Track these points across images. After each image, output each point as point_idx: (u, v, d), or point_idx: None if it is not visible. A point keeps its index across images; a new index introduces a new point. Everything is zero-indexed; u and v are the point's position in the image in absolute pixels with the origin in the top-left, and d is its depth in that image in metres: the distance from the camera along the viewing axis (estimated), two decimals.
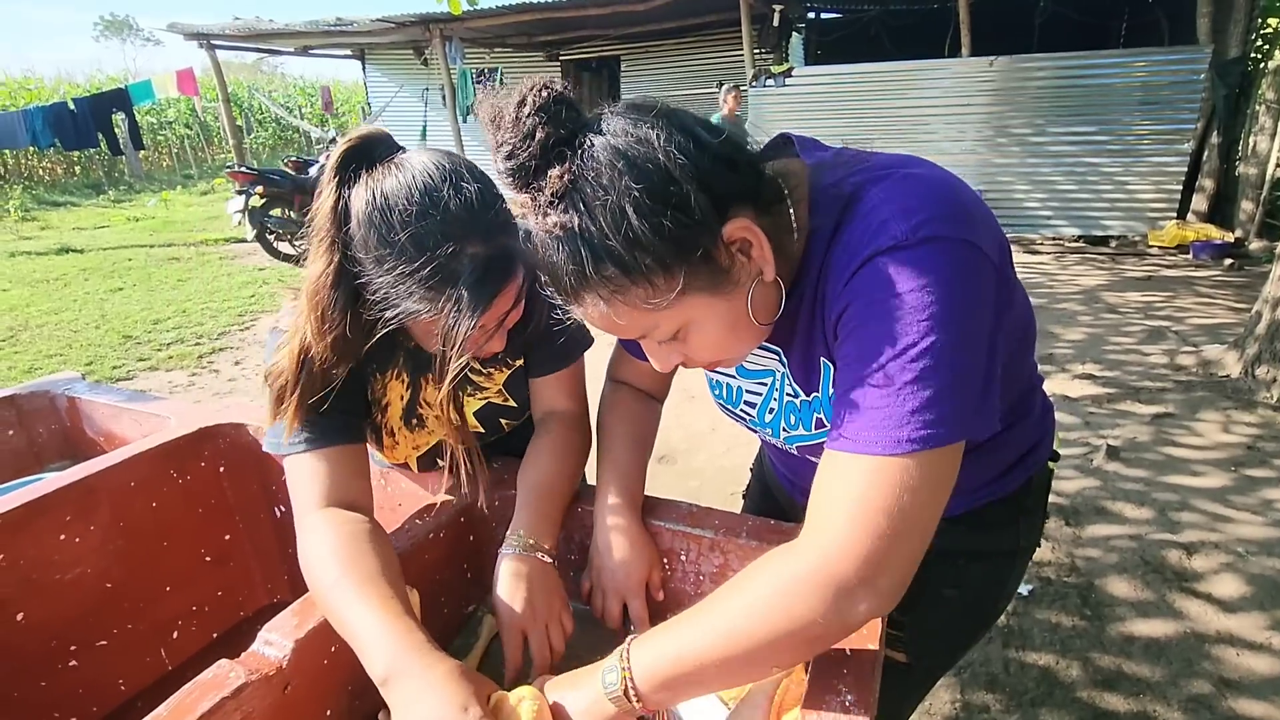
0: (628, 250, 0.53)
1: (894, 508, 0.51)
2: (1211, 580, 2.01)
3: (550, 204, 0.54)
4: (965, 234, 0.53)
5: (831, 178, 0.62)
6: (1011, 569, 0.88)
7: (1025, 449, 0.82)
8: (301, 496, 0.78)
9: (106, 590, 1.05)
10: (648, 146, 0.53)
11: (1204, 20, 5.94)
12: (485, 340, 0.76)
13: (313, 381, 0.76)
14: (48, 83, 16.27)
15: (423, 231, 0.67)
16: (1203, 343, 3.79)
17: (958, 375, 0.52)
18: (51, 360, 4.21)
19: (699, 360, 0.66)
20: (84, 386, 1.36)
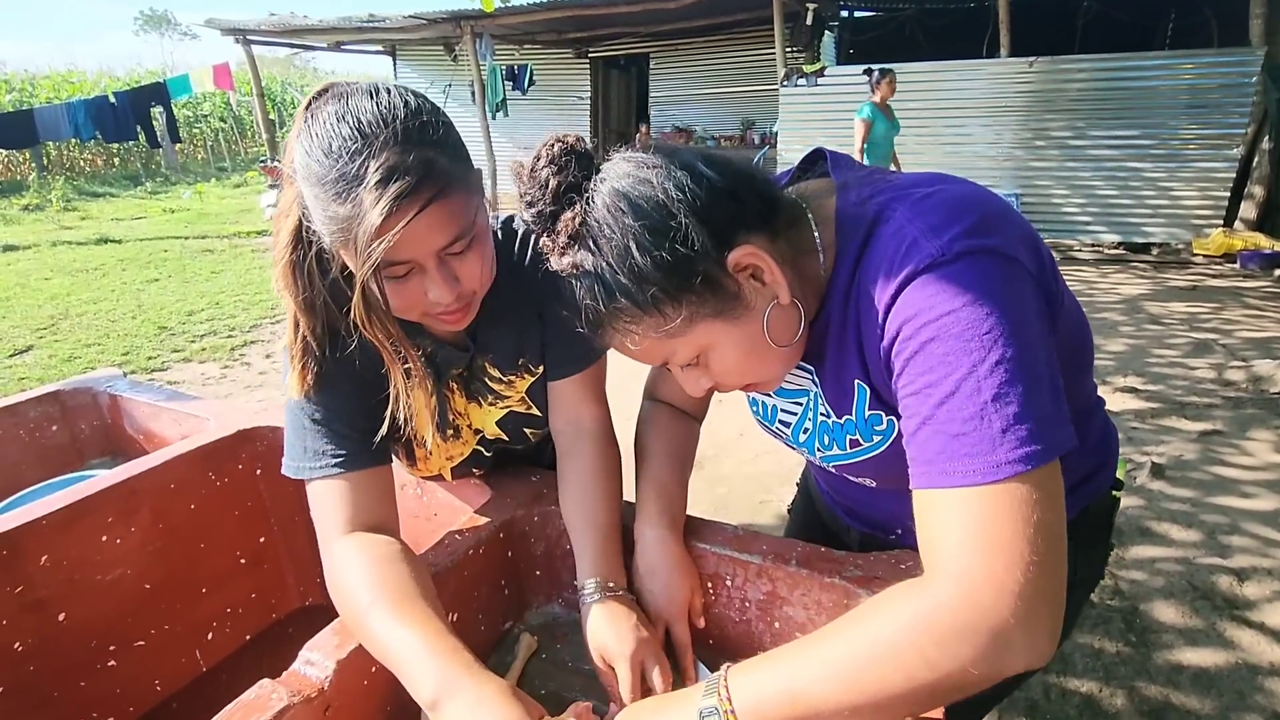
0: (634, 283, 0.57)
1: (1018, 534, 0.48)
2: (1264, 609, 1.93)
3: (566, 246, 0.59)
4: (997, 245, 0.53)
5: (856, 197, 0.62)
6: (1072, 605, 0.83)
7: (1081, 476, 0.79)
8: (326, 523, 0.75)
9: (145, 591, 1.05)
10: (648, 186, 0.57)
11: (1257, 22, 5.73)
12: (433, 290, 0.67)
13: (313, 354, 0.72)
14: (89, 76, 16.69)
15: (334, 142, 0.60)
16: (1252, 357, 3.65)
17: (1033, 386, 0.50)
18: (89, 350, 4.30)
19: (727, 384, 0.67)
20: (125, 384, 1.37)
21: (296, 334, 0.72)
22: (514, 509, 0.92)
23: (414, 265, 0.65)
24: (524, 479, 0.99)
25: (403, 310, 0.69)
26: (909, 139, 6.77)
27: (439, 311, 0.70)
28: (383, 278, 0.65)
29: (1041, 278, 0.56)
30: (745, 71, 9.43)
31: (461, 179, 0.64)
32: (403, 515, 1.06)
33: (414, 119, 0.61)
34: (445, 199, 0.62)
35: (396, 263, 0.64)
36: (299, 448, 0.76)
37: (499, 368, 0.90)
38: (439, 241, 0.64)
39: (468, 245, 0.67)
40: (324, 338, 0.73)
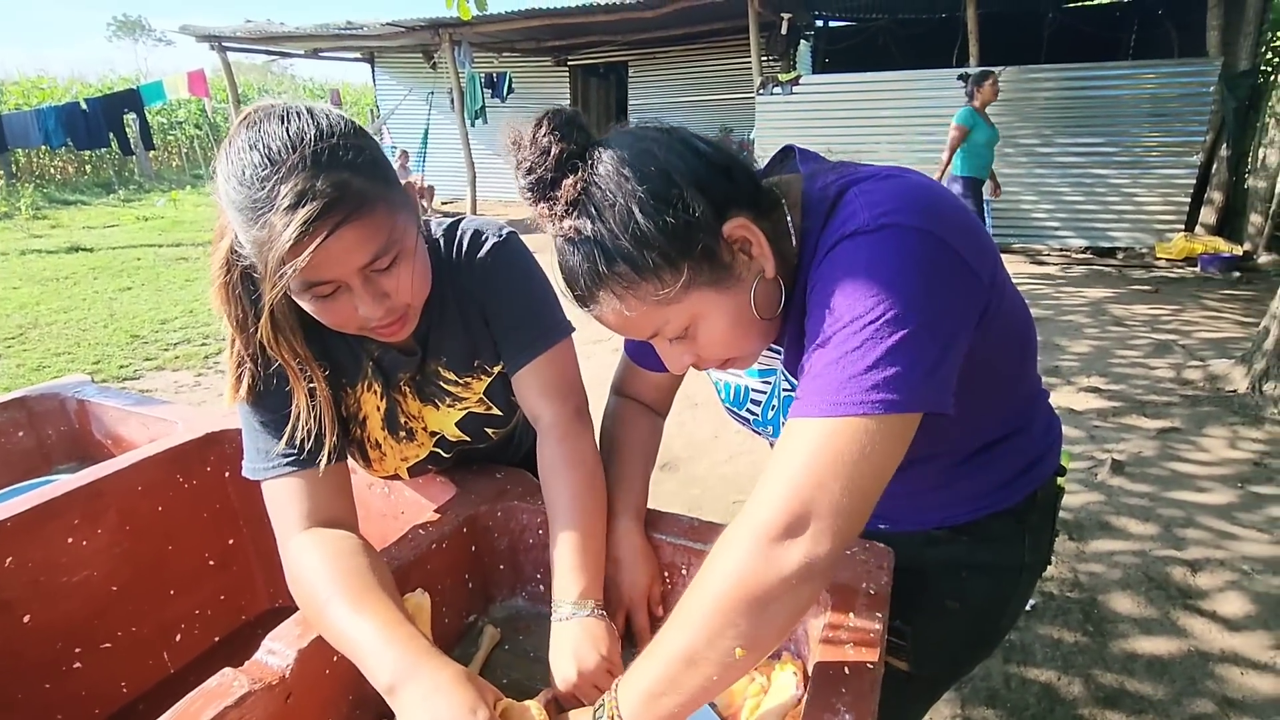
0: (636, 247, 0.59)
1: (832, 462, 0.53)
2: (1216, 598, 2.00)
3: (565, 211, 0.60)
4: (924, 224, 0.56)
5: (821, 183, 0.66)
6: (1015, 586, 0.87)
7: (1028, 461, 0.82)
8: (283, 520, 0.76)
9: (112, 593, 1.06)
10: (650, 156, 0.60)
11: (1214, 33, 5.93)
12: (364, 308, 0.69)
13: (246, 369, 0.75)
14: (61, 82, 16.40)
15: (246, 169, 0.62)
16: (1210, 357, 3.77)
17: (904, 345, 0.53)
18: (59, 359, 4.24)
19: (709, 357, 0.68)
20: (93, 389, 1.38)
21: (233, 349, 0.75)
22: (478, 504, 0.95)
23: (339, 284, 0.67)
24: (488, 475, 1.01)
25: (338, 325, 0.72)
26: (882, 146, 6.91)
27: (373, 326, 0.72)
28: (310, 297, 0.68)
29: (978, 268, 0.59)
30: (722, 79, 9.53)
31: (380, 198, 0.66)
32: (369, 513, 1.09)
33: (323, 142, 0.63)
34: (360, 219, 0.63)
35: (320, 282, 0.66)
36: (253, 450, 0.78)
37: (453, 370, 0.91)
38: (358, 260, 0.65)
39: (393, 261, 0.68)
40: (259, 352, 0.75)
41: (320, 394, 0.78)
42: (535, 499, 0.95)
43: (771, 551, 0.53)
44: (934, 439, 0.67)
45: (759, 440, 0.87)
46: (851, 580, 0.76)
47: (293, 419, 0.76)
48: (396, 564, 0.82)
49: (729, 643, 0.55)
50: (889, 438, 0.54)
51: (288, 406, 0.77)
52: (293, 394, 0.77)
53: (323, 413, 0.78)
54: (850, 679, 0.62)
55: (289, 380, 0.77)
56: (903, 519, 0.85)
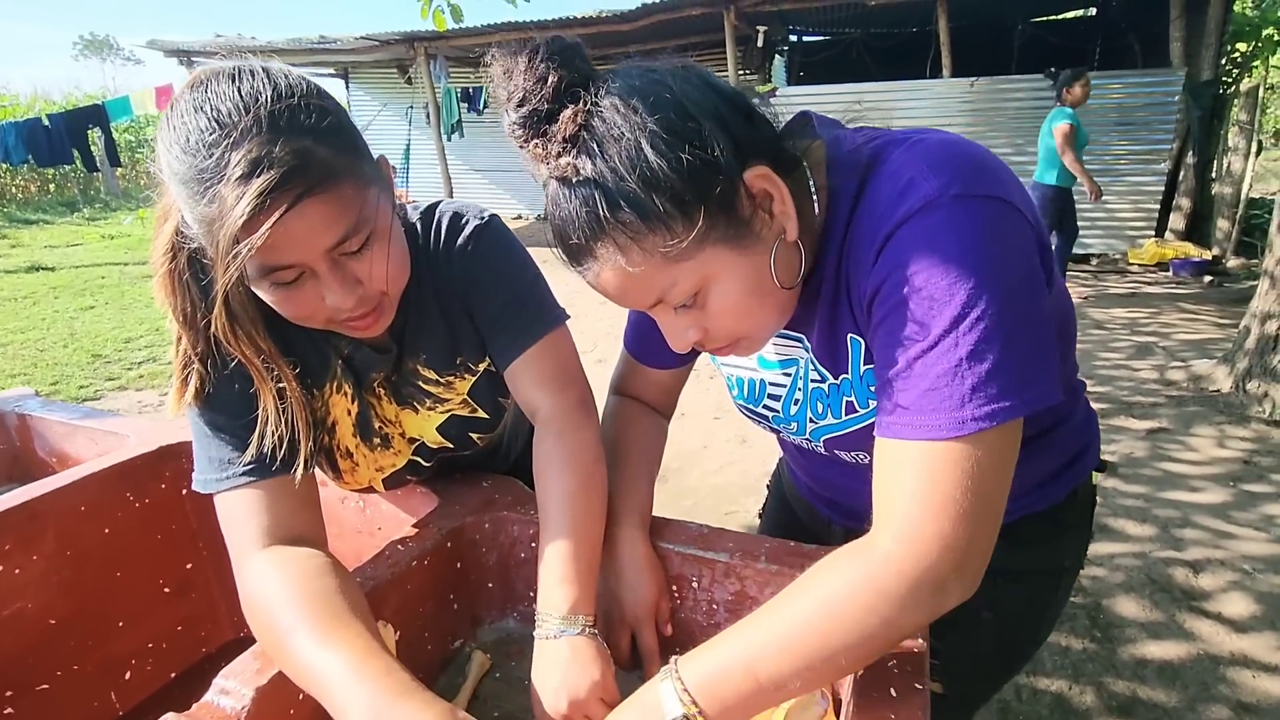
0: (644, 190, 0.51)
1: (970, 490, 0.49)
2: (1220, 599, 1.96)
3: (562, 148, 0.52)
4: (996, 191, 0.51)
5: (850, 144, 0.60)
6: (1055, 591, 0.82)
7: (1069, 456, 0.77)
8: (239, 538, 0.67)
9: (49, 627, 0.94)
10: (663, 88, 0.52)
11: (1176, 44, 6.08)
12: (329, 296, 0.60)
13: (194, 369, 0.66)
14: (23, 99, 16.01)
15: (191, 135, 0.54)
16: (1190, 358, 3.80)
17: (1013, 342, 0.49)
18: (15, 380, 4.04)
19: (718, 331, 0.60)
20: (36, 403, 1.26)
21: (179, 347, 0.65)
22: (463, 516, 0.86)
23: (303, 269, 0.58)
24: (474, 484, 0.92)
25: (303, 318, 0.63)
26: None
27: (343, 318, 0.64)
28: (269, 284, 0.59)
29: (1038, 232, 0.54)
30: None
31: (348, 169, 0.57)
32: (343, 529, 0.99)
33: (281, 103, 0.54)
34: (326, 192, 0.55)
35: (280, 267, 0.57)
36: (204, 459, 0.69)
37: (434, 368, 0.82)
38: (324, 241, 0.57)
39: (365, 242, 0.60)
40: (209, 351, 0.66)
41: (291, 393, 0.68)
42: (527, 509, 0.86)
43: (937, 598, 0.51)
44: None
45: (749, 449, 0.82)
46: None
47: (260, 424, 0.67)
48: (372, 585, 0.73)
49: (851, 670, 0.53)
50: (1007, 440, 0.51)
51: (247, 410, 0.68)
52: (254, 396, 0.67)
53: (295, 415, 0.68)
54: (899, 704, 0.54)
55: (247, 381, 0.67)
56: None
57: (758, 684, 0.51)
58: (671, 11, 7.02)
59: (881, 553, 0.51)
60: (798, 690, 0.52)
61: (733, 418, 3.20)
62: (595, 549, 0.72)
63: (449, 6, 3.81)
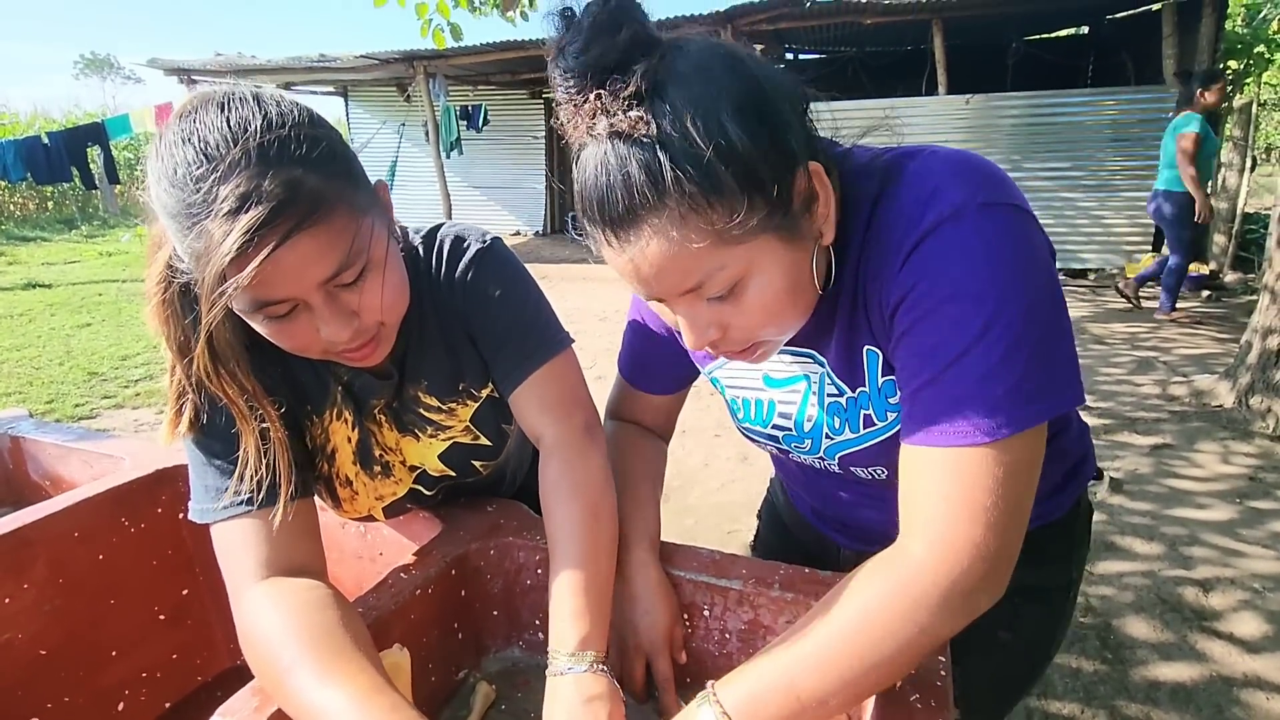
0: (720, 159, 0.47)
1: (1001, 496, 0.49)
2: (1231, 619, 1.93)
3: (631, 101, 0.47)
4: (1017, 200, 0.52)
5: (865, 155, 0.60)
6: (1065, 604, 0.83)
7: (1072, 463, 0.78)
8: (236, 570, 0.65)
9: (40, 658, 0.92)
10: (741, 61, 0.50)
11: (1169, 62, 6.15)
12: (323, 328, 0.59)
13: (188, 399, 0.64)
14: (23, 118, 16.08)
15: (179, 168, 0.53)
16: (1192, 373, 3.79)
17: (1042, 347, 0.49)
18: (10, 399, 4.01)
19: (744, 328, 0.56)
20: (30, 425, 1.24)
21: (173, 376, 0.64)
22: (468, 542, 0.84)
23: (296, 302, 0.57)
24: (478, 509, 0.90)
25: (299, 349, 0.62)
26: None
27: (340, 350, 0.62)
28: (263, 318, 0.57)
29: (1049, 242, 0.55)
30: None
31: (341, 199, 0.56)
32: (342, 555, 0.97)
33: (271, 133, 0.53)
34: (317, 225, 0.54)
35: (273, 301, 0.56)
36: (200, 488, 0.67)
37: (436, 395, 0.80)
38: (317, 275, 0.55)
39: (360, 273, 0.58)
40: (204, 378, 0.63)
41: (274, 435, 0.65)
42: (533, 534, 0.84)
43: (970, 604, 0.51)
44: None
45: (750, 467, 0.83)
46: None
47: (240, 464, 0.65)
48: (374, 614, 0.71)
49: (892, 682, 0.52)
50: (1034, 444, 0.51)
51: (236, 440, 0.66)
52: None
53: (277, 457, 0.65)
54: None
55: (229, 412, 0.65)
56: None
57: (799, 703, 0.51)
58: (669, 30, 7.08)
59: (915, 561, 0.51)
60: (837, 708, 0.52)
61: (734, 435, 3.17)
62: (607, 581, 0.69)
63: (448, 25, 3.84)
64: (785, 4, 6.59)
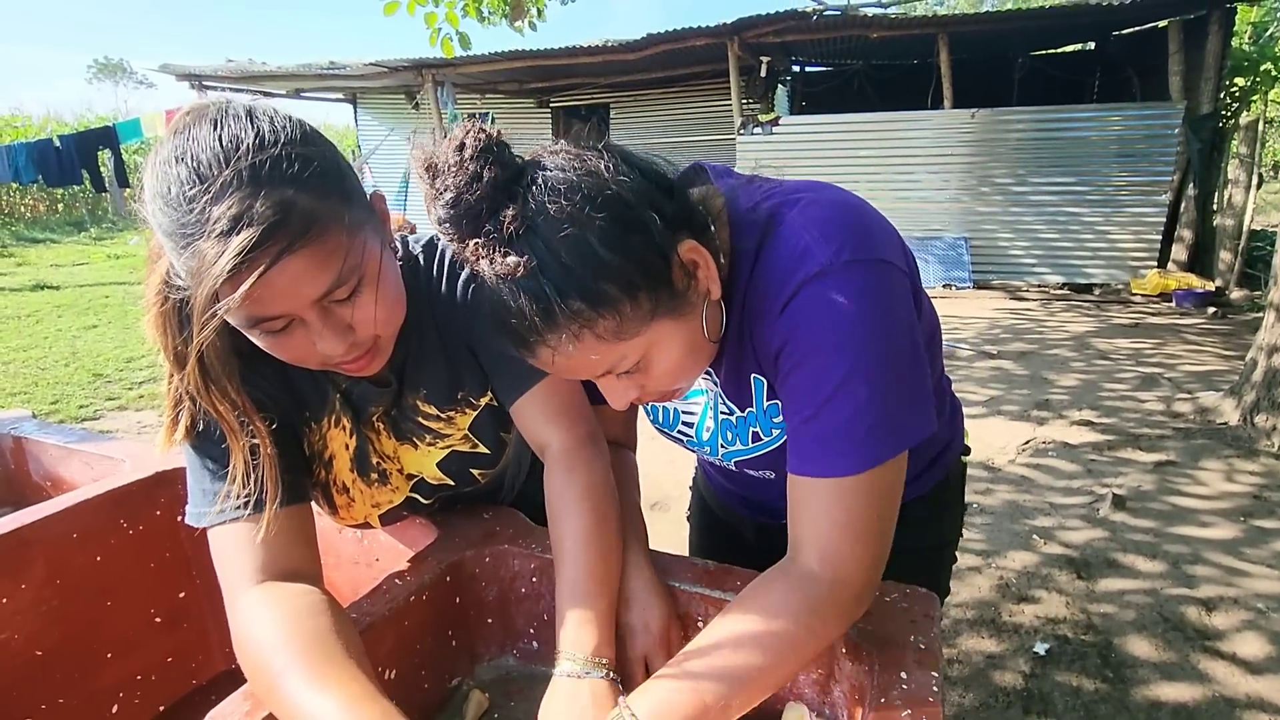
0: (595, 280, 0.53)
1: (875, 515, 0.59)
2: (1234, 639, 1.91)
3: (507, 246, 0.53)
4: (879, 253, 0.59)
5: (748, 201, 0.65)
6: (941, 561, 0.96)
7: (936, 452, 0.88)
8: (231, 574, 0.64)
9: (35, 659, 0.92)
10: (597, 177, 0.54)
11: (1175, 78, 6.16)
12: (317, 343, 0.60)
13: (185, 407, 0.65)
14: (35, 121, 16.23)
15: (172, 186, 0.53)
16: (1196, 389, 3.77)
17: (898, 389, 0.58)
18: (14, 399, 4.03)
19: (657, 389, 0.65)
20: (32, 425, 1.24)
21: (171, 383, 0.64)
22: (463, 549, 0.83)
23: (291, 318, 0.58)
24: (475, 516, 0.90)
25: (297, 361, 0.62)
26: (860, 184, 7.02)
27: (336, 363, 0.63)
28: (260, 332, 0.58)
29: (910, 276, 0.63)
30: (703, 121, 9.70)
31: (334, 217, 0.56)
32: (339, 560, 0.97)
33: (263, 153, 0.53)
34: (309, 245, 0.54)
35: (268, 318, 0.56)
36: (197, 491, 0.67)
37: (434, 404, 0.80)
38: (310, 293, 0.56)
39: (355, 289, 0.59)
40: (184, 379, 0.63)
41: (264, 451, 0.65)
42: (528, 542, 0.84)
43: (857, 611, 0.60)
44: None
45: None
46: (897, 633, 0.66)
47: (227, 481, 0.65)
48: (368, 620, 0.71)
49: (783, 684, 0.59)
50: (898, 472, 0.60)
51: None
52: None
53: (265, 474, 0.65)
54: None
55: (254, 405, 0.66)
56: None
57: (705, 707, 0.54)
58: (676, 41, 7.14)
59: (809, 574, 0.59)
60: (739, 708, 0.56)
61: None
62: (614, 590, 0.71)
63: (457, 35, 3.87)
64: (792, 17, 6.63)
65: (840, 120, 7.05)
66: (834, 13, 6.59)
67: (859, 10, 6.72)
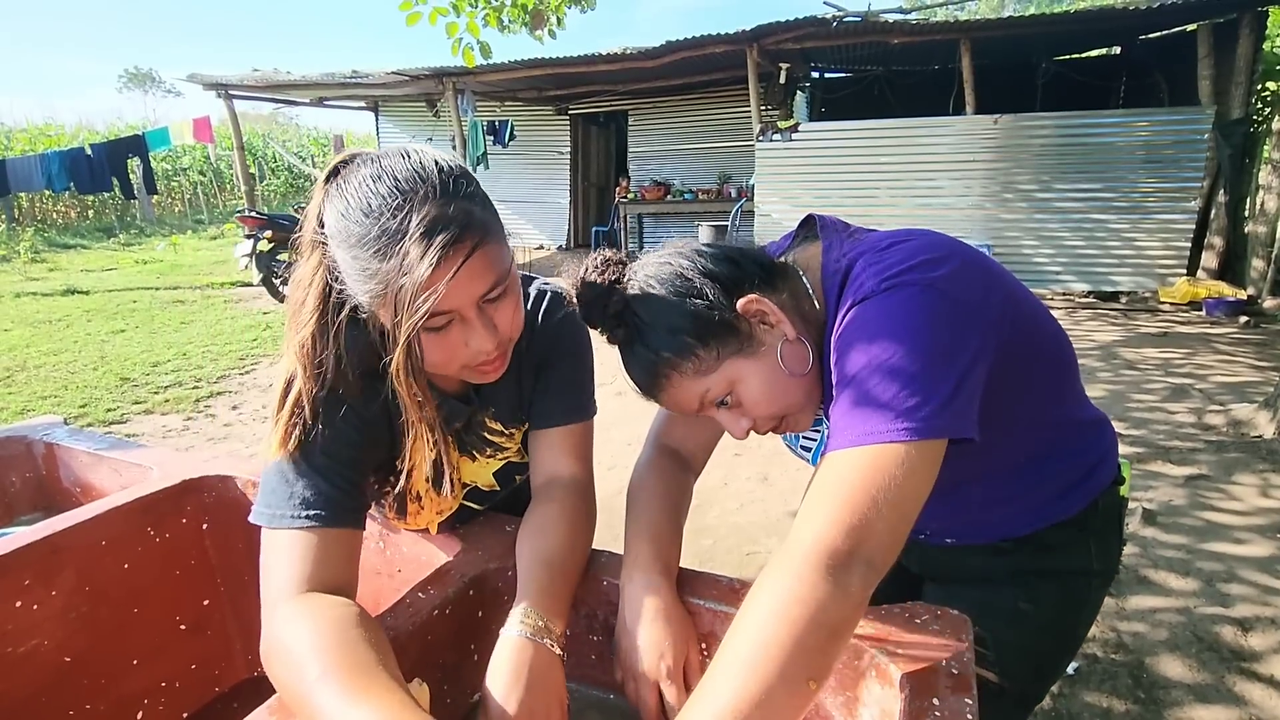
0: (672, 335, 0.72)
1: (872, 486, 0.58)
2: (1272, 661, 1.85)
3: (615, 324, 0.75)
4: (922, 280, 0.64)
5: (836, 255, 0.75)
6: (1087, 589, 0.90)
7: (1081, 474, 0.86)
8: (280, 577, 0.66)
9: (65, 665, 0.93)
10: (667, 266, 0.75)
11: (1205, 82, 6.04)
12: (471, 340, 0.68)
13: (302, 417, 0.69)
14: (68, 130, 16.65)
15: (373, 201, 0.62)
16: (1228, 401, 3.68)
17: (919, 378, 0.60)
18: (46, 402, 4.11)
19: (759, 416, 0.76)
20: (64, 432, 1.27)
21: (287, 396, 0.69)
22: (486, 563, 0.83)
23: (454, 316, 0.66)
24: (497, 529, 0.90)
25: (440, 365, 0.70)
26: (881, 191, 6.96)
27: (479, 362, 0.71)
28: (422, 329, 0.65)
29: (981, 307, 0.66)
30: (722, 127, 9.68)
31: (495, 228, 0.68)
32: (363, 572, 0.96)
33: (447, 175, 0.65)
34: (485, 246, 0.65)
35: (439, 313, 0.64)
36: (283, 494, 0.69)
37: (501, 421, 0.89)
38: (480, 289, 0.66)
39: (503, 292, 0.69)
40: (319, 401, 0.70)
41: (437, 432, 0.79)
42: None
43: (839, 575, 0.56)
44: (976, 461, 0.77)
45: (770, 487, 1.02)
46: (928, 656, 0.64)
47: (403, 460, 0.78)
48: (391, 635, 0.70)
49: (805, 676, 0.54)
50: (918, 463, 0.59)
51: (345, 455, 0.72)
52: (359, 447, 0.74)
53: (443, 453, 0.80)
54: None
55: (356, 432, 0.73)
56: (968, 534, 0.90)
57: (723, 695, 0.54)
58: (696, 49, 7.15)
59: (796, 546, 0.58)
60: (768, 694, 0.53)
61: (754, 455, 3.15)
62: (574, 585, 0.78)
63: (478, 44, 3.90)
64: (811, 24, 6.60)
65: (860, 127, 7.00)
66: (854, 19, 6.55)
67: (879, 16, 6.68)
